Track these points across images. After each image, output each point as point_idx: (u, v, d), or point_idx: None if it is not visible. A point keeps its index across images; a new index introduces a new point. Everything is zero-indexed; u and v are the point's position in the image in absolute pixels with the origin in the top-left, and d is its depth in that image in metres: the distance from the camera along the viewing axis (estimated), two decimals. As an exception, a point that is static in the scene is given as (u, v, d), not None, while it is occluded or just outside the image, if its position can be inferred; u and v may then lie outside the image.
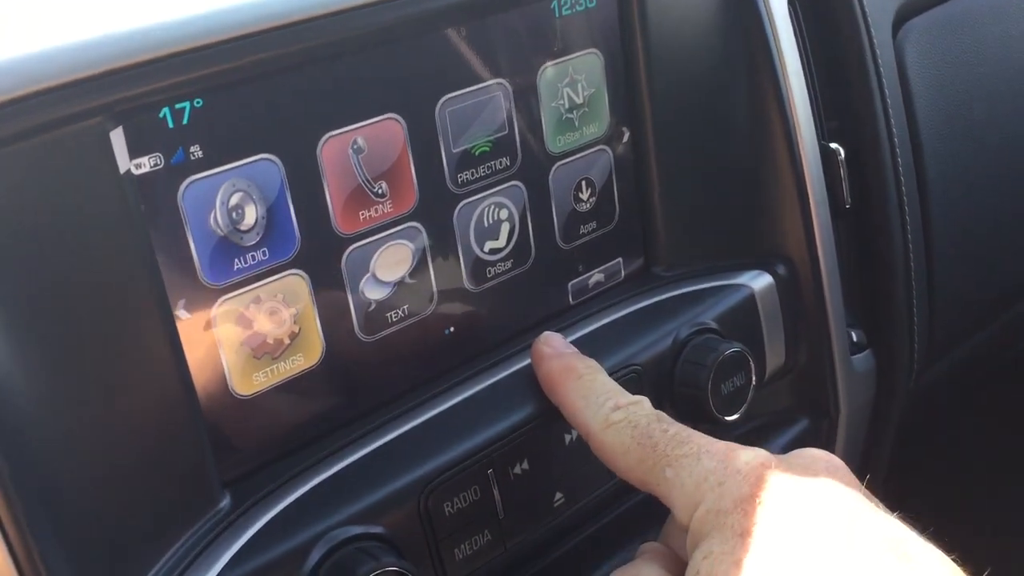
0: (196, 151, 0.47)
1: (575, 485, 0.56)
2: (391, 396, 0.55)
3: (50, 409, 0.42)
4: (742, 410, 0.60)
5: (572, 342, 0.61)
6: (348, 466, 0.51)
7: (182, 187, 0.47)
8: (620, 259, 0.65)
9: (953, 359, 0.87)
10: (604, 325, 0.62)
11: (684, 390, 0.60)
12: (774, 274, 0.66)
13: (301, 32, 0.48)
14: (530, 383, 0.57)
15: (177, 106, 0.46)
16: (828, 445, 0.72)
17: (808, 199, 0.67)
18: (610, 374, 0.58)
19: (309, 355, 0.52)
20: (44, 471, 0.42)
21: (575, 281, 0.63)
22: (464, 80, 0.55)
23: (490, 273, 0.59)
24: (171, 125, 0.46)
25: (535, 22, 0.58)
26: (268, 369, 0.51)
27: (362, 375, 0.54)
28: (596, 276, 0.64)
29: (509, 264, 0.60)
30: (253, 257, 0.49)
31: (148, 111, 0.45)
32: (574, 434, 0.56)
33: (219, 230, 0.48)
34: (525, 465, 0.54)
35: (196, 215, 0.47)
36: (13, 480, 0.40)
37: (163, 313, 0.46)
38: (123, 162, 0.44)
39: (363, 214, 0.53)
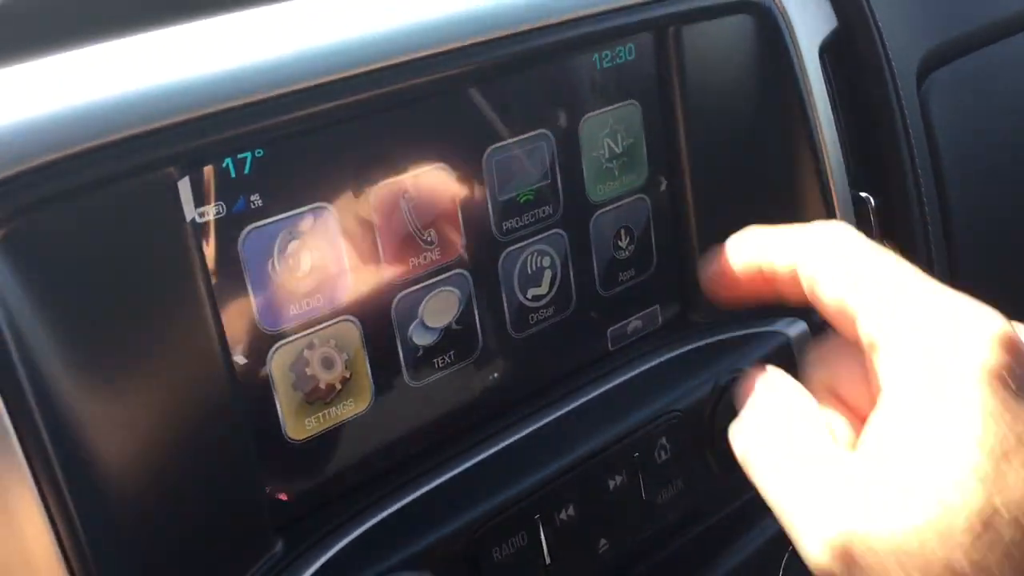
0: (256, 200, 0.48)
1: (620, 531, 0.56)
2: (438, 441, 0.56)
3: (113, 452, 0.43)
4: (782, 456, 0.61)
5: (613, 388, 0.62)
6: (397, 511, 0.52)
7: (242, 235, 0.48)
8: (657, 306, 0.66)
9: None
10: (644, 371, 0.63)
11: (725, 436, 0.60)
12: (809, 321, 0.67)
13: (356, 85, 0.49)
14: (573, 429, 0.58)
15: (239, 156, 0.47)
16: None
17: (841, 248, 0.68)
18: (651, 420, 0.59)
19: (359, 400, 0.53)
20: (108, 518, 0.43)
21: (614, 328, 0.64)
22: (510, 131, 0.56)
23: (532, 320, 0.60)
24: (233, 175, 0.47)
25: (577, 75, 0.59)
26: (320, 414, 0.51)
27: (410, 420, 0.55)
28: (634, 323, 0.65)
29: (551, 311, 0.60)
30: (308, 303, 0.50)
31: (212, 161, 0.46)
32: (618, 480, 0.56)
33: (276, 277, 0.49)
34: (571, 511, 0.54)
35: (255, 262, 0.48)
36: (81, 522, 0.41)
37: (222, 358, 0.47)
38: (189, 211, 0.45)
39: (412, 261, 0.54)
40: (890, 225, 0.75)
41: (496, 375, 0.58)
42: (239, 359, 0.48)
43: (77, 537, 0.41)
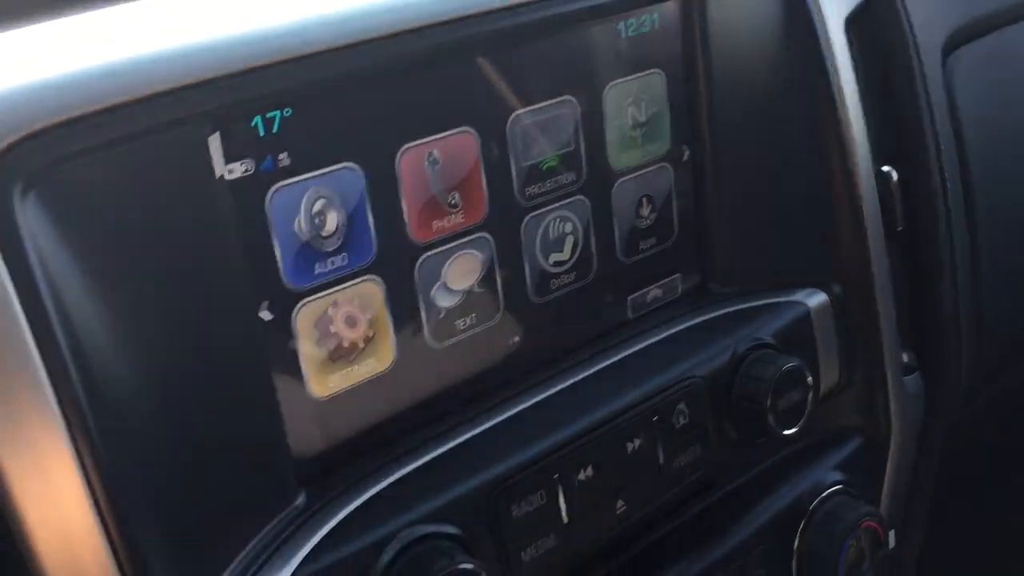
0: (284, 159, 0.49)
1: (637, 493, 0.57)
2: (459, 402, 0.57)
3: (142, 399, 0.44)
4: (800, 424, 0.61)
5: (632, 355, 0.62)
6: (419, 468, 0.52)
7: (270, 193, 0.48)
8: (678, 275, 0.67)
9: (1001, 390, 0.88)
10: (663, 339, 0.63)
11: (743, 404, 0.61)
12: (829, 293, 0.67)
13: (385, 47, 0.50)
14: (593, 393, 0.58)
15: (268, 115, 0.48)
16: (879, 466, 0.72)
17: (863, 220, 0.68)
18: (670, 385, 0.59)
19: (382, 360, 0.54)
20: (133, 464, 0.44)
21: (634, 295, 0.65)
22: (534, 97, 0.57)
23: (554, 285, 0.60)
24: (262, 133, 0.48)
25: (601, 43, 0.60)
26: (343, 372, 0.52)
27: (431, 381, 0.56)
28: (654, 291, 0.66)
29: (572, 277, 0.61)
30: (333, 262, 0.51)
31: (242, 119, 0.47)
32: (636, 443, 0.57)
33: (302, 235, 0.50)
34: (589, 472, 0.55)
35: (282, 220, 0.49)
36: (109, 468, 0.42)
37: (248, 313, 0.48)
38: (219, 167, 0.46)
39: (436, 224, 0.54)
40: (912, 200, 0.75)
41: (517, 339, 0.59)
42: (264, 314, 0.49)
43: (106, 483, 0.42)
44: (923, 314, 0.78)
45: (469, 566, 0.48)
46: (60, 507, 0.42)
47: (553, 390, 0.58)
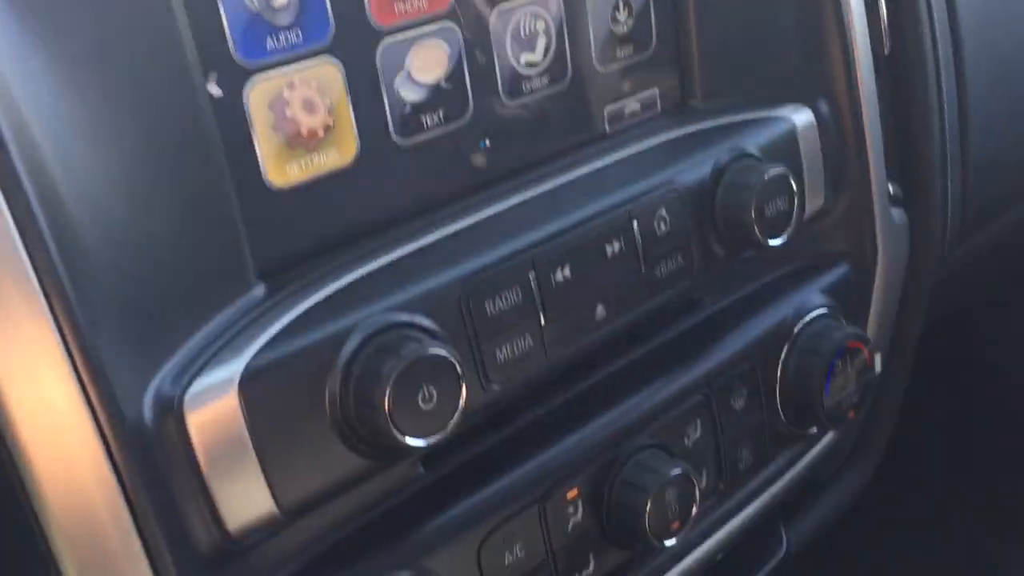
0: (227, -86, 0.44)
1: (617, 300, 0.54)
2: (427, 203, 0.53)
3: (88, 180, 0.40)
4: (786, 235, 0.58)
5: (610, 165, 0.59)
6: (387, 264, 0.49)
7: (213, -48, 0.44)
8: (656, 89, 0.63)
9: (988, 239, 0.86)
10: (642, 151, 0.60)
11: (727, 212, 0.58)
12: (815, 110, 0.64)
13: None
14: (569, 197, 0.55)
15: None
16: (865, 294, 0.70)
17: (851, 38, 0.65)
18: (647, 194, 0.56)
19: (344, 151, 0.50)
20: (83, 240, 0.40)
21: (611, 107, 0.61)
22: None
23: (526, 88, 0.57)
24: None
25: None
26: (302, 161, 0.49)
27: (398, 179, 0.52)
28: (632, 104, 0.62)
29: (545, 80, 0.57)
30: (287, 38, 0.47)
31: None
32: (616, 246, 0.54)
33: (252, 4, 0.46)
34: (567, 272, 0.52)
35: (228, -15, 0.45)
36: (56, 241, 0.38)
37: (196, 87, 0.44)
38: (153, -89, 0.42)
39: (399, 7, 0.50)
40: (899, 25, 0.72)
41: (488, 141, 0.55)
42: (213, 89, 0.45)
43: (53, 266, 0.39)
44: (910, 147, 0.75)
45: (442, 352, 0.44)
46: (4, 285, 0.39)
47: (527, 195, 0.55)
